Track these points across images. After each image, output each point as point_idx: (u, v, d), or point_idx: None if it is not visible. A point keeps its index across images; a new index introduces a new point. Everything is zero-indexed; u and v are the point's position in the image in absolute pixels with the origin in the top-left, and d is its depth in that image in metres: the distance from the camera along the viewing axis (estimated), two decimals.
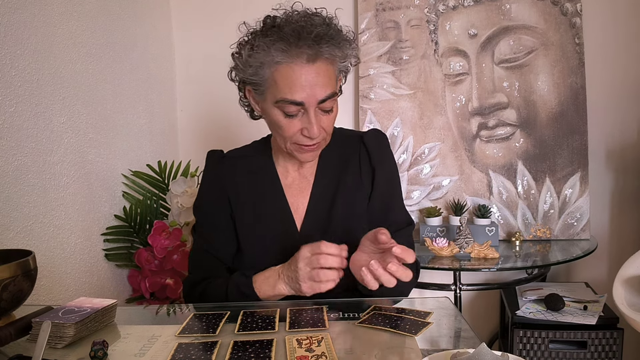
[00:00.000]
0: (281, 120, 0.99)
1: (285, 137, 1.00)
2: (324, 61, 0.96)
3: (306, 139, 0.99)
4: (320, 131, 0.99)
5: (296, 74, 0.94)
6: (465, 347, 0.68)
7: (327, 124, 1.01)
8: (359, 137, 1.14)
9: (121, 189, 1.74)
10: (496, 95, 1.98)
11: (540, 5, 1.95)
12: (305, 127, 0.98)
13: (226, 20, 2.07)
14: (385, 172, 1.12)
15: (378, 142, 1.14)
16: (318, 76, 0.95)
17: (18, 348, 0.79)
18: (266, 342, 0.77)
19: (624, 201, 2.03)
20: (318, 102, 0.96)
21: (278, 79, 0.95)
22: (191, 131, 2.23)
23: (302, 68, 0.94)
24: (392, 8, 2.03)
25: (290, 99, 0.95)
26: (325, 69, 0.96)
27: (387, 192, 1.12)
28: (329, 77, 0.97)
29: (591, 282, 1.95)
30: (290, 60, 0.93)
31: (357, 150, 1.13)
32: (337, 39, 0.97)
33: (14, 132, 1.23)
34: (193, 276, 1.12)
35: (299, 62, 0.93)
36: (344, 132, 1.16)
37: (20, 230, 1.25)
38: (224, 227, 1.11)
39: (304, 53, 0.93)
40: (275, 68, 0.95)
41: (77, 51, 1.49)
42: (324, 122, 0.99)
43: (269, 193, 1.10)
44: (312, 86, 0.94)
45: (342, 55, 0.99)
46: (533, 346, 1.63)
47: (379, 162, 1.12)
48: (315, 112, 0.97)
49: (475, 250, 1.72)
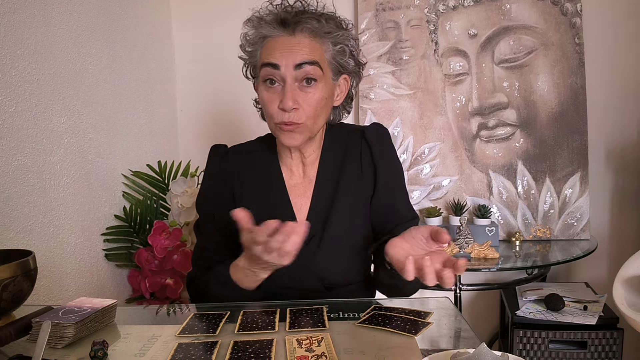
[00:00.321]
0: (265, 96, 1.01)
1: (269, 114, 1.01)
2: (306, 33, 0.99)
3: (283, 114, 0.98)
4: (296, 104, 0.97)
5: (278, 43, 0.99)
6: (465, 347, 0.68)
7: (307, 102, 0.99)
8: (361, 132, 1.13)
9: (121, 189, 1.74)
10: (496, 95, 1.98)
11: (540, 5, 1.95)
12: (281, 99, 0.98)
13: (226, 20, 2.07)
14: (388, 168, 1.11)
15: (380, 137, 1.13)
16: (299, 45, 0.98)
17: (18, 348, 0.79)
18: (266, 342, 0.77)
19: (624, 201, 2.03)
20: (295, 67, 0.97)
21: (264, 52, 1.01)
22: (191, 131, 2.23)
23: (284, 39, 0.99)
24: (392, 8, 2.03)
25: (268, 61, 0.98)
26: (307, 42, 0.99)
27: (391, 187, 1.11)
28: (311, 49, 0.99)
29: (591, 282, 1.95)
30: (275, 34, 0.99)
31: (359, 145, 1.11)
32: (319, 14, 1.02)
33: (14, 132, 1.23)
34: (193, 272, 1.13)
35: (282, 35, 0.99)
36: (345, 127, 1.16)
37: (20, 230, 1.25)
38: (226, 224, 1.10)
39: (287, 27, 0.99)
40: (264, 43, 1.01)
41: (77, 51, 1.49)
42: (302, 98, 0.98)
43: (273, 192, 1.10)
44: (290, 50, 0.98)
45: (321, 27, 1.00)
46: (533, 346, 1.63)
47: (380, 158, 1.10)
48: (292, 83, 0.98)
49: (475, 250, 1.72)
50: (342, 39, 1.02)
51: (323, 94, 1.01)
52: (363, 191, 1.10)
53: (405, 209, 1.12)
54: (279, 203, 1.09)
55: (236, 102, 2.06)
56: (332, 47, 1.02)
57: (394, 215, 1.09)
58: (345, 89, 1.08)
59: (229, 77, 1.10)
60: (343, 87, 1.07)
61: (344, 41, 1.03)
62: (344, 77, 1.06)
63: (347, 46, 1.04)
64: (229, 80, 1.07)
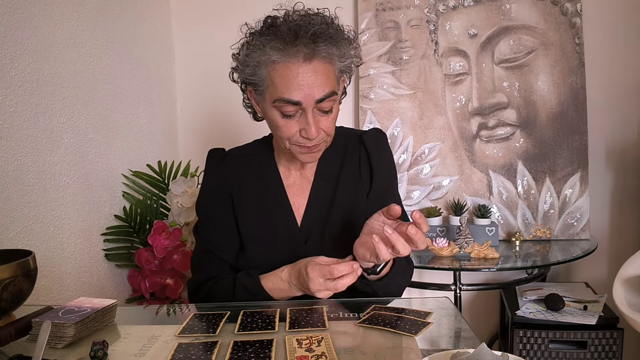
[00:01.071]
0: (279, 121, 0.98)
1: (283, 138, 1.00)
2: (322, 60, 0.94)
3: (305, 139, 0.98)
4: (319, 132, 0.97)
5: (293, 73, 0.93)
6: (465, 347, 0.68)
7: (327, 125, 0.99)
8: (359, 136, 1.14)
9: (121, 189, 1.74)
10: (496, 95, 1.98)
11: (540, 5, 1.95)
12: (303, 127, 0.97)
13: (226, 20, 2.07)
14: (383, 170, 1.13)
15: (377, 142, 1.14)
16: (315, 75, 0.93)
17: (18, 348, 0.79)
18: (266, 342, 0.77)
19: (624, 201, 2.03)
20: (316, 102, 0.95)
21: (275, 79, 0.94)
22: (191, 131, 2.23)
23: (299, 67, 0.92)
24: (392, 8, 2.03)
25: (287, 98, 0.94)
26: (323, 68, 0.95)
27: (383, 187, 1.12)
28: (327, 77, 0.95)
29: (591, 282, 1.95)
30: (286, 59, 0.92)
31: (357, 150, 1.13)
32: (336, 37, 0.96)
33: (14, 132, 1.23)
34: (197, 277, 1.11)
35: (295, 61, 0.92)
36: (343, 131, 1.16)
37: (20, 230, 1.25)
38: (227, 226, 1.11)
39: (300, 52, 0.92)
40: (273, 67, 0.94)
41: (77, 51, 1.49)
42: (322, 123, 0.98)
43: (271, 193, 1.10)
44: (309, 85, 0.93)
45: (340, 54, 0.97)
46: (533, 346, 1.63)
47: (377, 160, 1.12)
48: (314, 113, 0.96)
49: (475, 250, 1.72)
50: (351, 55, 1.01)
51: (337, 111, 1.02)
52: (361, 193, 1.11)
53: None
54: (277, 203, 1.10)
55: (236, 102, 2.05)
56: (340, 64, 1.00)
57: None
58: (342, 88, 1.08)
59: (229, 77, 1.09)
60: (341, 87, 1.08)
61: (352, 56, 1.02)
62: (342, 80, 1.06)
63: (354, 58, 1.03)
64: (229, 80, 1.06)
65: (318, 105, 0.96)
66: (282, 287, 1.00)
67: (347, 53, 0.99)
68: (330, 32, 0.95)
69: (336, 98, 0.99)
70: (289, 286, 0.99)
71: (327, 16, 0.98)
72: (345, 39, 0.99)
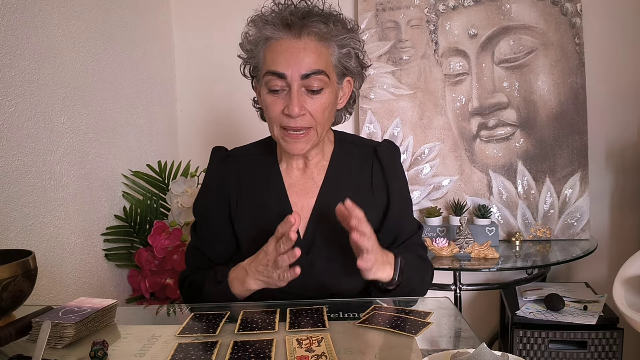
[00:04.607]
0: (267, 99, 0.99)
1: (271, 119, 1.00)
2: (313, 37, 0.96)
3: (288, 119, 0.97)
4: (302, 110, 0.96)
5: (283, 47, 0.96)
6: (465, 347, 0.68)
7: (314, 107, 0.98)
8: (372, 148, 1.13)
9: (121, 189, 1.74)
10: (496, 95, 1.98)
11: (540, 5, 1.95)
12: (287, 105, 0.96)
13: (226, 20, 2.07)
14: (400, 187, 1.13)
15: (392, 156, 1.14)
16: (305, 51, 0.95)
17: (18, 348, 0.79)
18: (266, 342, 0.77)
19: (624, 201, 2.03)
20: (301, 77, 0.95)
21: (267, 55, 0.98)
22: (191, 131, 2.23)
23: (289, 42, 0.96)
24: (392, 8, 2.03)
25: (273, 69, 0.96)
26: (314, 46, 0.96)
27: (401, 205, 1.12)
28: (318, 55, 0.96)
29: (591, 282, 1.95)
30: (279, 36, 0.96)
31: (370, 161, 1.11)
32: (327, 17, 0.98)
33: (14, 132, 1.23)
34: (184, 271, 1.13)
35: (287, 37, 0.96)
36: (356, 140, 1.16)
37: (20, 230, 1.25)
38: (218, 228, 1.11)
39: (292, 29, 0.95)
40: (267, 45, 0.98)
41: (77, 51, 1.49)
42: (309, 103, 0.97)
43: (271, 192, 1.09)
44: (296, 60, 0.95)
45: (333, 34, 0.97)
46: (533, 346, 1.63)
47: (393, 177, 1.11)
48: (299, 90, 0.96)
49: (475, 250, 1.72)
50: (348, 42, 1.01)
51: (329, 99, 1.00)
52: (373, 204, 1.09)
53: (410, 224, 1.14)
54: (277, 201, 1.09)
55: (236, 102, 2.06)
56: (338, 50, 1.00)
57: (402, 233, 1.11)
58: (348, 92, 1.07)
59: (229, 77, 1.09)
60: (346, 90, 1.07)
61: (350, 44, 1.01)
62: (347, 80, 1.05)
63: (354, 49, 1.02)
64: (229, 80, 1.07)
65: (304, 83, 0.96)
66: (240, 275, 0.99)
67: (343, 37, 0.99)
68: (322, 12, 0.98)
69: (326, 81, 0.98)
70: (245, 273, 0.98)
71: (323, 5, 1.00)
72: (339, 21, 1.00)
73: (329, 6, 1.02)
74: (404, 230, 1.11)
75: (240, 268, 1.00)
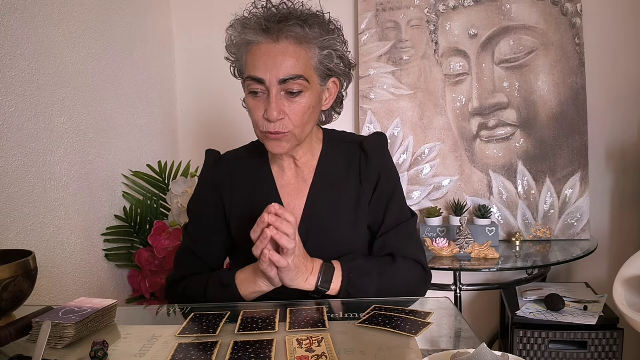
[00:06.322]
0: (249, 102, 0.99)
1: (254, 122, 1.00)
2: (291, 41, 0.96)
3: (267, 122, 0.97)
4: (281, 114, 0.96)
5: (262, 51, 0.96)
6: (465, 347, 0.68)
7: (293, 111, 0.97)
8: (359, 143, 1.12)
9: (121, 189, 1.74)
10: (496, 95, 1.98)
11: (540, 5, 1.95)
12: (267, 109, 0.97)
13: (226, 20, 2.05)
14: (386, 176, 1.11)
15: (376, 146, 1.12)
16: (283, 55, 0.95)
17: (18, 348, 0.79)
18: (266, 342, 0.77)
19: (624, 201, 2.03)
20: (279, 82, 0.95)
21: (248, 58, 0.98)
22: (191, 131, 2.23)
23: (268, 46, 0.95)
24: (392, 8, 2.03)
25: (252, 75, 0.96)
26: (292, 50, 0.96)
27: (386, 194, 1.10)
28: (296, 59, 0.95)
29: (591, 282, 1.95)
30: (258, 40, 0.96)
31: (357, 156, 1.11)
32: (305, 19, 0.97)
33: (14, 132, 1.23)
34: (174, 274, 1.12)
35: (265, 41, 0.96)
36: (345, 137, 1.16)
37: (20, 230, 1.25)
38: (212, 230, 1.11)
39: (270, 33, 0.95)
40: (248, 48, 0.98)
41: (77, 51, 1.49)
42: (288, 107, 0.97)
43: (264, 194, 1.09)
44: (274, 64, 0.95)
45: (307, 34, 0.96)
46: (533, 346, 1.63)
47: (378, 168, 1.10)
48: (277, 94, 0.96)
49: (475, 250, 1.72)
50: (329, 43, 0.99)
51: (309, 102, 0.99)
52: (362, 200, 1.09)
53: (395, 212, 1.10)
54: (269, 202, 1.08)
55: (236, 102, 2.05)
56: (318, 52, 0.98)
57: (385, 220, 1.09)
58: (334, 92, 1.06)
59: (229, 77, 1.09)
60: (332, 91, 1.06)
61: (331, 45, 1.00)
62: (332, 81, 1.04)
63: (335, 50, 1.01)
64: (229, 80, 1.07)
65: (283, 87, 0.96)
66: (248, 277, 0.99)
67: (323, 39, 0.98)
68: (301, 15, 0.97)
69: (305, 85, 0.97)
70: (254, 274, 0.98)
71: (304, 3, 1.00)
72: (319, 22, 0.99)
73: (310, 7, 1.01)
74: (387, 218, 1.09)
75: (250, 269, 1.00)
